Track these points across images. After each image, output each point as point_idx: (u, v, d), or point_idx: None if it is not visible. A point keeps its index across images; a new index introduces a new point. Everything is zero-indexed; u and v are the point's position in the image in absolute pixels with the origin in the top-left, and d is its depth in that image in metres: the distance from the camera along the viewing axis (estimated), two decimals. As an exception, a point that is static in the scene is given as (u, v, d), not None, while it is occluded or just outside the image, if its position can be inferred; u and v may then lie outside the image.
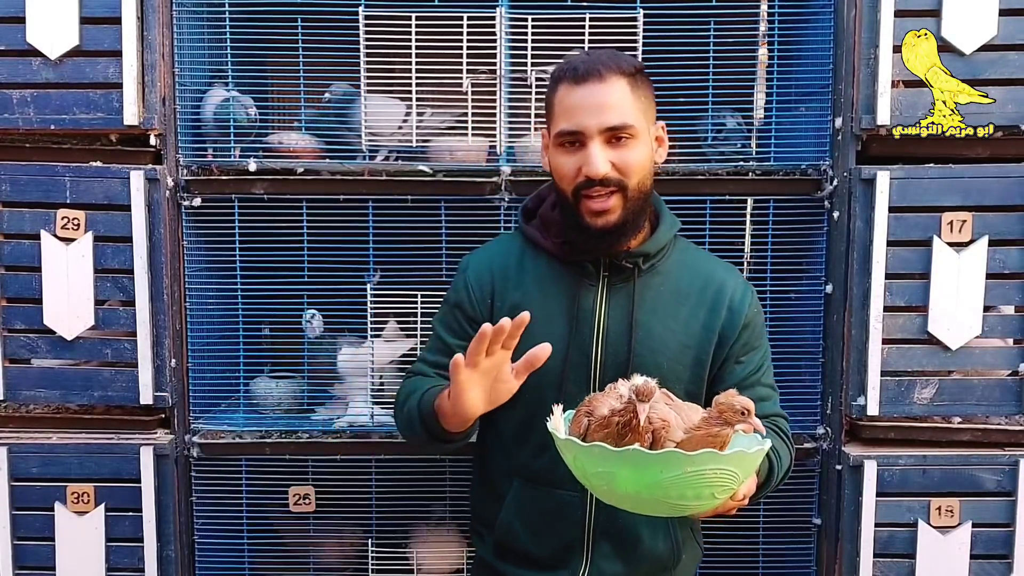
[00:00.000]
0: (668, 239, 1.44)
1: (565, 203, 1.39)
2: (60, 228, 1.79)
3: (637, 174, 1.35)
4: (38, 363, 1.86)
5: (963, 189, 1.75)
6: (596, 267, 1.41)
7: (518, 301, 1.41)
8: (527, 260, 1.46)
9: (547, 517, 1.44)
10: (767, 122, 2.02)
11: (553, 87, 1.38)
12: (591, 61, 1.33)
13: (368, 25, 1.81)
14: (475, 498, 1.58)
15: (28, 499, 1.82)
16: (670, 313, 1.41)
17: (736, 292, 1.44)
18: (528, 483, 1.45)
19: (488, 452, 1.52)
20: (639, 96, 1.35)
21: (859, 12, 1.75)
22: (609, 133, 1.32)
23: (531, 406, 1.38)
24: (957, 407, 1.80)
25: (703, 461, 1.03)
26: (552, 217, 1.46)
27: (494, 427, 1.48)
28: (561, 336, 1.39)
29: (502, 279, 1.45)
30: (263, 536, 1.99)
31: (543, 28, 1.81)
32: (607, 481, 1.08)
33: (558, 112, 1.36)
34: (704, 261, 1.50)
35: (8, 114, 1.77)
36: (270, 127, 2.08)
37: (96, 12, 1.75)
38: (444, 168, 1.84)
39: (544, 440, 1.34)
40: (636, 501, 1.10)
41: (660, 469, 1.03)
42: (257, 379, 2.01)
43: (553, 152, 1.38)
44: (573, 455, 1.12)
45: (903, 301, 1.78)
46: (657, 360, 1.38)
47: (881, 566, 1.79)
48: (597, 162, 1.31)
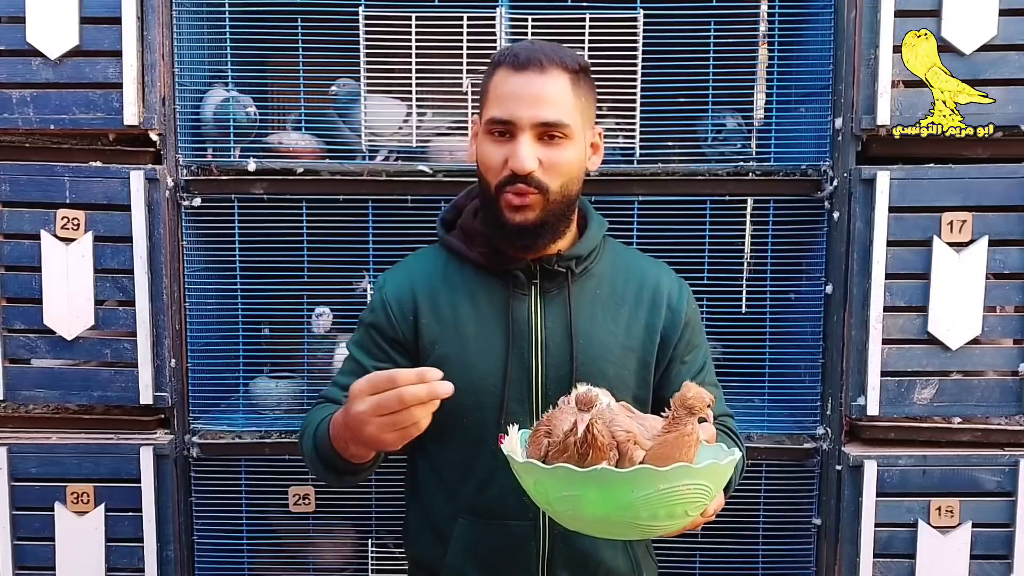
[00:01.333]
0: (598, 240, 1.37)
1: (486, 196, 1.29)
2: (60, 228, 1.79)
3: (563, 176, 1.26)
4: (38, 363, 1.86)
5: (963, 189, 1.75)
6: (527, 275, 1.32)
7: (447, 315, 1.32)
8: (452, 272, 1.36)
9: (502, 554, 1.32)
10: (767, 122, 2.02)
11: (491, 71, 1.28)
12: (534, 50, 1.25)
13: (368, 25, 1.82)
14: (413, 544, 1.42)
15: (28, 499, 1.82)
16: (609, 316, 1.33)
17: (673, 290, 1.38)
18: (477, 520, 1.33)
19: (424, 491, 1.38)
20: (579, 96, 1.26)
21: (859, 12, 1.75)
22: (542, 129, 1.23)
23: (471, 431, 1.29)
24: (957, 407, 1.80)
25: (676, 477, 0.94)
26: (474, 227, 1.36)
27: (429, 462, 1.37)
28: (498, 352, 1.29)
29: (427, 294, 1.34)
30: (263, 536, 1.99)
31: (543, 28, 1.81)
32: (572, 506, 0.98)
33: (491, 98, 1.26)
34: (636, 260, 1.43)
35: (8, 114, 1.77)
36: (270, 127, 2.08)
37: (96, 12, 1.76)
38: (444, 168, 1.84)
39: (491, 469, 1.28)
40: (604, 524, 1.00)
41: (631, 488, 0.94)
42: (257, 379, 2.01)
43: (482, 139, 1.28)
44: (535, 479, 1.01)
45: (903, 301, 1.78)
46: (601, 367, 1.30)
47: (881, 566, 1.79)
48: (524, 157, 1.22)
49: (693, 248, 1.86)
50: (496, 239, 1.31)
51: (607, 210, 1.78)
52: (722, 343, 1.96)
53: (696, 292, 1.82)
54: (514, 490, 1.26)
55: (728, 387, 2.04)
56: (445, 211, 1.44)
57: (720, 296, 1.91)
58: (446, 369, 1.07)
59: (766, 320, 1.91)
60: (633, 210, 1.83)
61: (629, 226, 1.83)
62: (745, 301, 2.06)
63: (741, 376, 2.01)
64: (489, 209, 1.30)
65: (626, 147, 1.87)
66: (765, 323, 1.91)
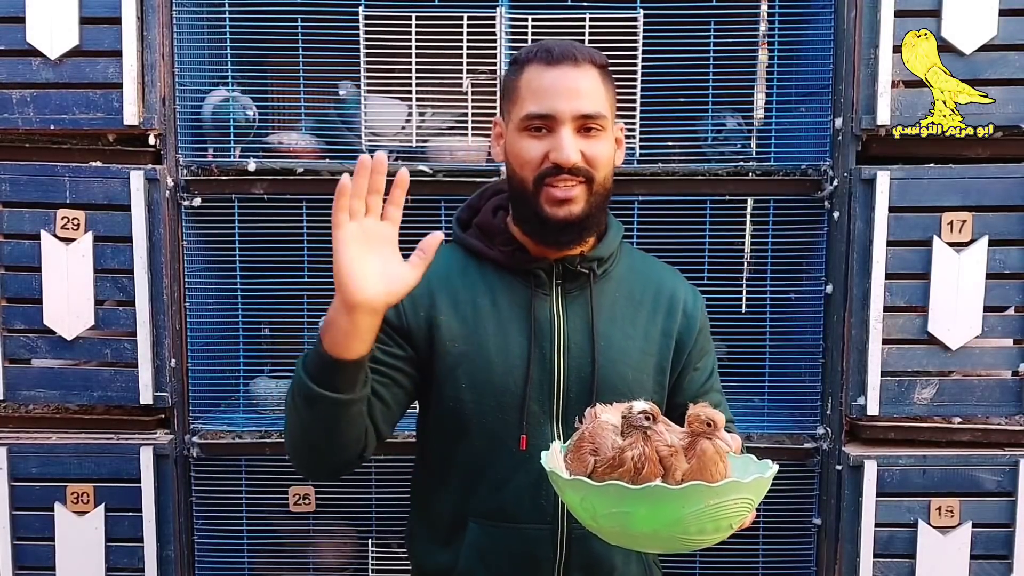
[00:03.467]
0: (617, 243, 1.36)
1: (523, 194, 1.26)
2: (60, 228, 1.79)
3: (604, 168, 1.25)
4: (38, 363, 1.86)
5: (963, 189, 1.75)
6: (548, 275, 1.30)
7: (468, 314, 1.28)
8: (471, 271, 1.32)
9: (516, 559, 1.28)
10: (767, 122, 2.02)
11: (518, 69, 1.26)
12: (565, 45, 1.25)
13: (368, 25, 1.82)
14: (418, 550, 1.37)
15: (28, 499, 1.82)
16: (628, 320, 1.32)
17: (688, 297, 1.38)
18: (489, 523, 1.28)
19: (431, 494, 1.35)
20: (608, 90, 1.26)
21: (859, 12, 1.75)
22: (581, 121, 1.22)
23: (489, 431, 1.26)
24: (957, 407, 1.80)
25: (726, 492, 0.94)
26: (494, 225, 1.34)
27: (437, 466, 1.33)
28: (521, 352, 1.26)
29: (446, 292, 1.30)
30: (263, 536, 1.99)
31: (543, 28, 1.81)
32: (621, 522, 0.97)
33: (525, 94, 1.24)
34: (652, 266, 1.43)
35: (8, 114, 1.77)
36: (270, 127, 2.08)
37: (96, 12, 1.75)
38: (444, 168, 1.84)
39: (507, 471, 1.26)
40: (652, 540, 1.00)
41: (682, 504, 0.94)
42: (257, 379, 2.01)
43: (516, 137, 1.26)
44: (581, 496, 0.99)
45: (903, 301, 1.78)
46: (621, 371, 1.28)
47: (881, 566, 1.79)
48: (568, 148, 1.21)
49: (693, 248, 1.86)
50: (536, 236, 1.29)
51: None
52: (722, 343, 1.96)
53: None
54: (530, 493, 1.26)
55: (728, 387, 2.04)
56: (460, 211, 1.42)
57: (720, 296, 1.91)
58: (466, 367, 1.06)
59: (766, 320, 1.91)
60: (633, 210, 1.83)
61: (629, 226, 1.83)
62: (745, 301, 2.07)
63: (741, 376, 2.01)
64: (526, 205, 1.26)
65: (626, 147, 1.86)
66: (765, 323, 1.91)
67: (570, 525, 1.26)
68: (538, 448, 1.22)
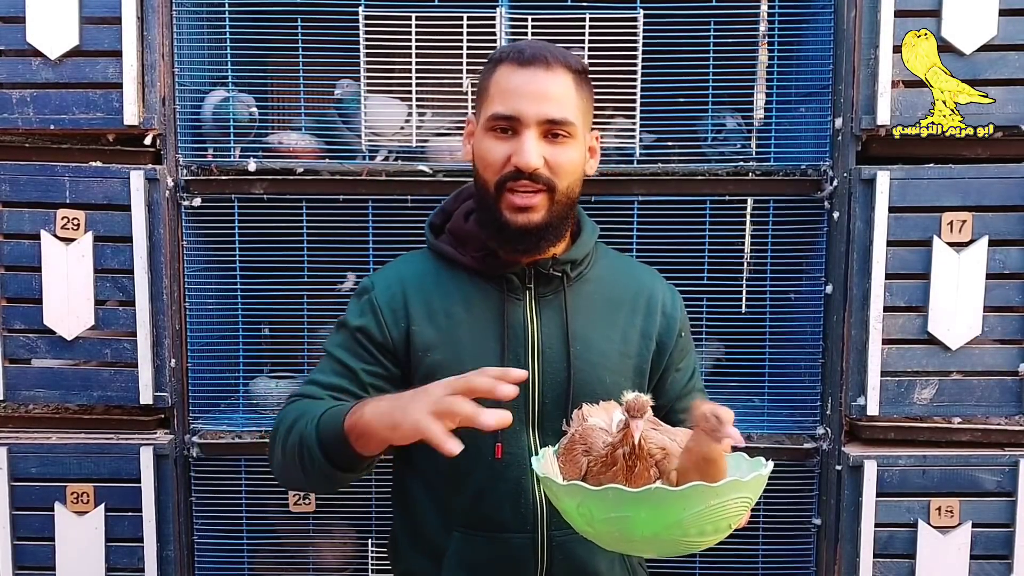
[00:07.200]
0: (591, 245, 1.34)
1: (485, 197, 1.25)
2: (60, 228, 1.79)
3: (568, 176, 1.23)
4: (38, 363, 1.86)
5: (963, 189, 1.75)
6: (521, 279, 1.28)
7: (442, 322, 1.27)
8: (443, 278, 1.30)
9: (501, 567, 1.27)
10: (767, 122, 2.02)
11: (491, 68, 1.24)
12: (538, 47, 1.23)
13: (368, 25, 1.82)
14: (402, 561, 1.36)
15: (28, 499, 1.82)
16: (606, 322, 1.30)
17: (667, 297, 1.36)
18: (473, 533, 1.27)
19: (414, 506, 1.32)
20: (582, 97, 1.24)
21: (859, 12, 1.75)
22: (547, 126, 1.20)
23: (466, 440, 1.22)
24: (957, 407, 1.80)
25: (726, 492, 0.93)
26: (466, 230, 1.32)
27: (419, 476, 1.31)
28: (493, 357, 1.24)
29: (420, 300, 1.29)
30: (263, 536, 1.99)
31: (543, 28, 1.81)
32: (619, 527, 0.95)
33: (493, 93, 1.22)
34: (629, 266, 1.41)
35: (8, 114, 1.77)
36: (270, 127, 2.08)
37: (96, 12, 1.76)
38: (444, 168, 1.84)
39: (486, 480, 1.24)
40: (651, 543, 0.98)
41: (683, 506, 0.92)
42: (257, 379, 2.01)
43: (481, 137, 1.24)
44: (577, 502, 0.97)
45: (903, 301, 1.78)
46: (599, 374, 1.26)
47: (881, 566, 1.79)
48: (530, 153, 1.18)
49: (693, 248, 1.86)
50: (494, 242, 1.27)
51: (607, 210, 1.79)
52: (722, 343, 1.96)
53: (696, 292, 1.84)
54: (510, 501, 1.25)
55: (728, 387, 2.05)
56: (433, 215, 1.40)
57: (720, 296, 1.91)
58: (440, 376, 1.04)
59: (766, 320, 1.91)
60: (633, 210, 1.83)
61: (629, 226, 1.83)
62: (745, 301, 2.07)
63: (741, 376, 2.01)
64: (487, 210, 1.25)
65: (626, 147, 1.87)
66: (765, 323, 1.91)
67: (551, 532, 1.26)
68: (514, 456, 1.23)
